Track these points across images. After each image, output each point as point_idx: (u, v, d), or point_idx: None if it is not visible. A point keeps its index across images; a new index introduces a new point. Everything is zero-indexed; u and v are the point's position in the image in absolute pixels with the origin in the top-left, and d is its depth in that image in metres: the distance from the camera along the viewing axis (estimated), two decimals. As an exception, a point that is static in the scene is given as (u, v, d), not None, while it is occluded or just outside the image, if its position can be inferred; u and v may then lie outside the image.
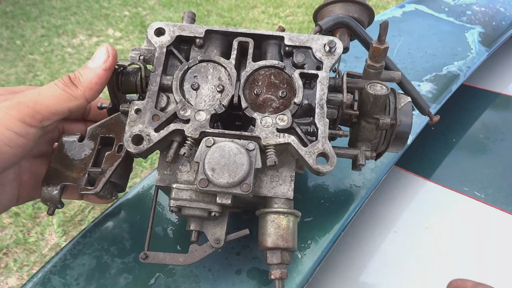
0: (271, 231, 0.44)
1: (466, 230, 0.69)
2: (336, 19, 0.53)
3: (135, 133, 0.43)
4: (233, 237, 0.46)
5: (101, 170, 0.47)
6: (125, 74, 0.48)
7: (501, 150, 0.83)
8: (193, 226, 0.45)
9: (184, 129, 0.43)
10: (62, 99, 0.42)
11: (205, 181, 0.42)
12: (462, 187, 0.75)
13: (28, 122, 0.39)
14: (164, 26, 0.48)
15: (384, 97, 0.46)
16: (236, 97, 0.46)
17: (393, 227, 0.69)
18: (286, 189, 0.45)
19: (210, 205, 0.44)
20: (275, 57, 0.49)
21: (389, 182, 0.76)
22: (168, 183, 0.45)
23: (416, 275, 0.63)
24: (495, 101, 0.99)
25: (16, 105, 0.39)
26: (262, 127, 0.44)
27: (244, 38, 0.49)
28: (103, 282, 0.50)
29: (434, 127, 0.88)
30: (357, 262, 0.64)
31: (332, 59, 0.48)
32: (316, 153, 0.43)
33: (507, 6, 1.13)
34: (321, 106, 0.45)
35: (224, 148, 0.42)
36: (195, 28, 0.49)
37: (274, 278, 0.43)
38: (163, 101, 0.46)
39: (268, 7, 3.63)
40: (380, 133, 0.48)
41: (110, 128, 0.49)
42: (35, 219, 1.79)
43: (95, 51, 0.45)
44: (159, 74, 0.46)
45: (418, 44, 0.97)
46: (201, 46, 0.49)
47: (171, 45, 0.48)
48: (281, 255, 0.43)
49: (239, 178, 0.41)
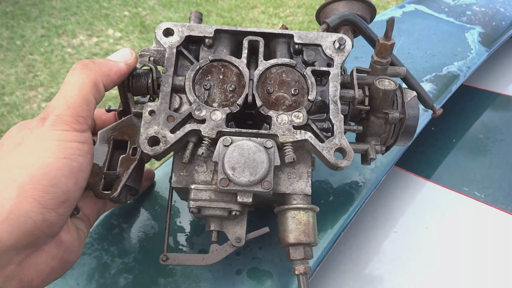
0: (293, 227, 0.44)
1: (466, 230, 0.69)
2: (342, 17, 0.54)
3: (151, 135, 0.43)
4: (253, 236, 0.46)
5: (118, 174, 0.46)
6: (136, 76, 0.47)
7: (501, 150, 0.83)
8: (213, 226, 0.45)
9: (201, 129, 0.43)
10: (83, 87, 0.41)
11: (225, 181, 0.42)
12: (462, 187, 0.75)
13: (78, 129, 0.40)
14: (172, 26, 0.48)
15: (393, 91, 0.47)
16: (250, 96, 0.46)
17: (393, 227, 0.69)
18: (303, 185, 0.46)
19: (230, 204, 0.44)
20: (284, 55, 0.49)
21: (389, 182, 0.76)
22: (185, 184, 0.45)
23: (416, 275, 0.63)
24: (495, 101, 0.98)
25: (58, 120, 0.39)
26: (279, 124, 0.44)
27: (254, 37, 0.49)
28: (103, 282, 0.50)
29: (434, 127, 0.88)
30: (357, 262, 0.64)
31: (342, 56, 0.48)
32: (333, 148, 0.44)
33: (507, 6, 1.13)
34: (334, 102, 0.46)
35: (243, 146, 0.42)
36: (204, 28, 0.49)
37: (298, 274, 0.44)
38: (176, 102, 0.46)
39: (268, 7, 3.62)
40: (389, 127, 0.49)
41: (122, 130, 0.48)
42: (35, 219, 1.78)
43: (119, 50, 0.46)
44: (171, 75, 0.46)
45: (418, 44, 0.97)
46: (210, 46, 0.49)
47: (181, 46, 0.48)
48: (304, 250, 0.44)
49: (260, 176, 0.41)
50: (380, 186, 0.64)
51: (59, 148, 0.37)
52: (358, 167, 0.65)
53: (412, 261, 0.64)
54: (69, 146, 0.38)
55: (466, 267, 0.63)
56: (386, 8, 3.51)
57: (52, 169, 0.36)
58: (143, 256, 0.53)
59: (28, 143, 0.38)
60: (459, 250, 0.66)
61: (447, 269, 0.63)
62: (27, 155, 0.37)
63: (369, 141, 0.50)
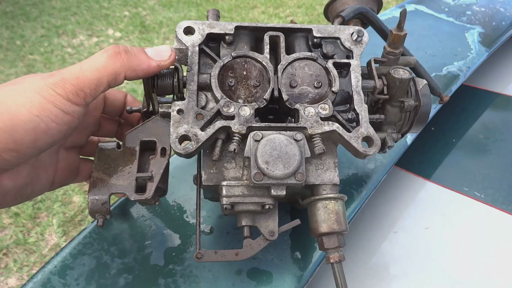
0: (325, 217, 0.45)
1: (466, 230, 0.69)
2: (356, 10, 0.56)
3: (182, 134, 0.43)
4: (286, 228, 0.47)
5: (151, 175, 0.46)
6: (160, 76, 0.47)
7: (501, 150, 0.83)
8: (244, 222, 0.45)
9: (231, 125, 0.44)
10: (102, 71, 0.41)
11: (260, 175, 0.42)
12: (462, 187, 0.75)
13: (73, 100, 0.39)
14: (193, 24, 0.48)
15: (409, 80, 0.48)
16: (276, 91, 0.47)
17: (393, 227, 0.69)
18: (332, 175, 0.46)
19: (263, 198, 0.44)
20: (303, 49, 0.50)
21: (389, 182, 0.76)
22: (216, 181, 0.45)
23: (416, 275, 0.63)
24: (495, 101, 0.99)
25: (61, 82, 0.39)
26: (306, 117, 0.45)
27: (275, 32, 0.49)
28: (103, 282, 0.50)
29: (434, 127, 0.88)
30: (357, 262, 0.64)
31: (360, 47, 0.50)
32: (360, 137, 0.45)
33: (507, 6, 1.13)
34: (358, 92, 0.47)
35: (274, 140, 0.43)
36: (224, 25, 0.49)
37: (333, 262, 0.44)
38: (202, 100, 0.46)
39: (268, 7, 3.63)
40: (404, 115, 0.51)
41: (149, 131, 0.48)
42: (35, 219, 1.79)
43: (159, 46, 0.45)
44: (196, 73, 0.46)
45: (418, 44, 0.97)
46: (230, 43, 0.49)
47: (202, 44, 0.48)
48: (338, 238, 0.45)
49: (293, 168, 0.42)
50: (380, 186, 0.64)
51: (39, 105, 0.38)
52: (358, 167, 0.65)
53: (412, 261, 0.64)
54: (49, 109, 0.38)
55: (466, 267, 0.63)
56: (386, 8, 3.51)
57: (18, 118, 0.37)
58: (143, 256, 0.53)
59: (21, 86, 0.39)
60: (459, 250, 0.66)
61: (447, 269, 0.63)
62: (10, 94, 0.38)
63: (386, 129, 0.52)
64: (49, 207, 1.83)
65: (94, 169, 0.47)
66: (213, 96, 0.46)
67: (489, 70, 1.07)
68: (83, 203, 1.84)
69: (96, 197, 0.45)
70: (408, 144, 0.70)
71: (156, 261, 0.52)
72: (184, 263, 0.52)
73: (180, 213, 0.58)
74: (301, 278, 0.51)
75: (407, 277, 0.62)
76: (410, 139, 0.71)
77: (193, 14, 3.50)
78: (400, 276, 0.63)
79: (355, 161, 0.66)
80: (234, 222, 0.56)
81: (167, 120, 0.48)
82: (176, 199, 0.60)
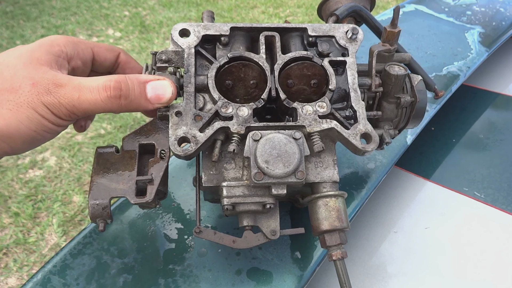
0: (326, 215, 0.45)
1: (466, 230, 0.69)
2: (350, 8, 0.56)
3: (181, 136, 0.43)
4: (288, 233, 0.47)
5: (151, 178, 0.45)
6: None
7: (501, 150, 0.83)
8: (246, 222, 0.45)
9: (230, 126, 0.44)
10: (99, 107, 0.42)
11: (260, 174, 0.42)
12: (462, 187, 0.75)
13: (66, 119, 0.42)
14: (188, 26, 0.48)
15: (404, 76, 0.49)
16: (273, 90, 0.47)
17: (393, 227, 0.69)
18: (331, 173, 0.46)
19: (264, 197, 0.44)
20: (299, 48, 0.50)
21: (389, 182, 0.76)
22: (216, 182, 0.45)
23: (416, 275, 0.63)
24: (495, 101, 0.99)
25: (57, 104, 0.40)
26: (304, 115, 0.45)
27: (270, 32, 0.49)
28: (103, 282, 0.50)
29: (434, 127, 0.88)
30: (357, 262, 0.64)
31: (355, 45, 0.50)
32: (359, 134, 0.45)
33: (507, 6, 1.13)
34: (354, 90, 0.48)
35: (273, 140, 0.43)
36: (219, 26, 0.49)
37: (336, 259, 0.44)
38: (200, 102, 0.46)
39: (268, 7, 3.63)
40: (401, 111, 0.51)
41: (147, 134, 0.48)
42: (35, 219, 1.79)
43: (160, 82, 0.44)
44: (193, 75, 0.46)
45: (418, 44, 0.97)
46: (226, 44, 0.50)
47: (198, 45, 0.48)
48: (339, 235, 0.45)
49: (293, 166, 0.42)
50: (380, 186, 0.65)
51: (36, 121, 0.40)
52: (358, 167, 0.65)
53: (412, 261, 0.64)
54: (45, 124, 0.41)
55: (466, 267, 0.63)
56: (386, 8, 3.51)
57: (17, 133, 0.40)
58: (143, 256, 0.53)
59: (18, 98, 0.40)
60: (459, 250, 0.66)
61: (447, 269, 0.63)
62: (10, 108, 0.39)
63: (383, 126, 0.52)
64: (49, 207, 1.83)
65: (94, 174, 0.47)
66: (210, 97, 0.46)
67: (489, 70, 1.07)
68: (83, 203, 1.84)
69: (97, 201, 0.45)
70: (408, 144, 0.70)
71: (156, 261, 0.52)
72: (184, 263, 0.52)
73: (180, 213, 0.58)
74: (301, 278, 0.51)
75: (407, 276, 0.62)
76: (410, 139, 0.71)
77: (193, 14, 3.50)
78: (400, 276, 0.63)
79: (355, 161, 0.66)
80: (234, 222, 0.56)
81: (165, 122, 0.48)
82: (176, 199, 0.60)
